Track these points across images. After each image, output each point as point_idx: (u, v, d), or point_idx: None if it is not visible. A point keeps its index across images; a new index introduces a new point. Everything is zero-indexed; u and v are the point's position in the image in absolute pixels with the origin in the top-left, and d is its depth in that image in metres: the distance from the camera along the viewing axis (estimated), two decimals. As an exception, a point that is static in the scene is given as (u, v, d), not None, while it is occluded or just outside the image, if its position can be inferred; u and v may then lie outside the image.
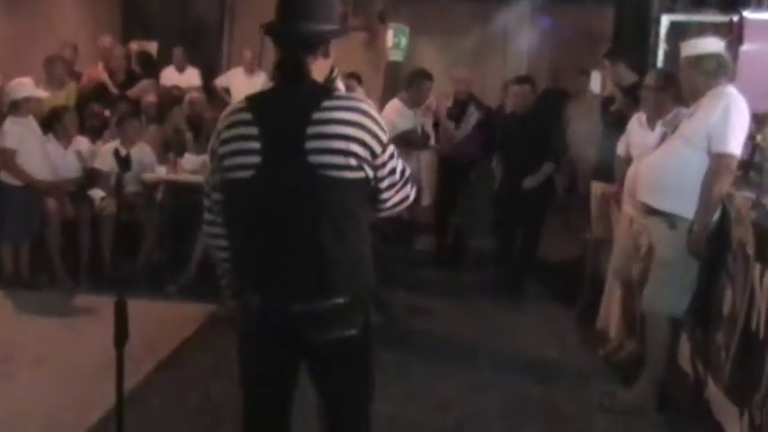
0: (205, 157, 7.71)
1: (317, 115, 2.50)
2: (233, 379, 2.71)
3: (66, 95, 8.54)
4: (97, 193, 7.26)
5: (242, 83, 9.91)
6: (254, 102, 2.63)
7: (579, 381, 5.31)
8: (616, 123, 6.12)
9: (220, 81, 10.41)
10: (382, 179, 2.63)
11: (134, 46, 10.67)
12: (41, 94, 7.37)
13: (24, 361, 5.24)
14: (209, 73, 10.65)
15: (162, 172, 7.60)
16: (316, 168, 2.48)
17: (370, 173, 2.57)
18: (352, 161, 2.51)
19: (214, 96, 9.95)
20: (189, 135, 8.49)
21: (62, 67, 8.68)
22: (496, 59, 12.25)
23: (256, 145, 2.52)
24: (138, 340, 3.53)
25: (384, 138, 2.59)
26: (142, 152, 7.38)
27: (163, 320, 5.97)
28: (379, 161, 2.59)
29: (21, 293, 6.60)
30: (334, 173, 2.49)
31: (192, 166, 7.63)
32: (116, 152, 3.62)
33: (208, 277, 5.37)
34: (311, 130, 2.48)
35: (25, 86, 7.14)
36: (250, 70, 10.11)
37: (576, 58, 10.74)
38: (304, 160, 2.48)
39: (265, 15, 2.72)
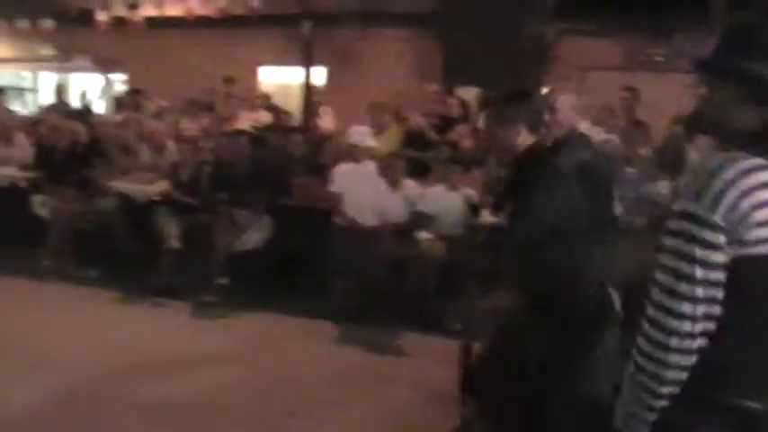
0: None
1: None
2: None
3: (390, 140, 8.97)
4: (423, 235, 7.54)
5: (564, 128, 9.86)
6: None
7: None
8: None
9: (540, 125, 10.39)
10: None
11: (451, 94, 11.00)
12: (369, 142, 7.84)
13: (356, 390, 5.54)
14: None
15: (485, 215, 7.74)
16: None
17: None
18: None
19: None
20: (508, 179, 8.56)
21: (385, 112, 9.21)
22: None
23: None
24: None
25: None
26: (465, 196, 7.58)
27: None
28: None
29: (349, 327, 6.93)
30: None
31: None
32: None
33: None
34: None
35: (354, 134, 7.70)
36: (572, 116, 10.01)
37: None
38: None
39: (584, 60, 2.65)
